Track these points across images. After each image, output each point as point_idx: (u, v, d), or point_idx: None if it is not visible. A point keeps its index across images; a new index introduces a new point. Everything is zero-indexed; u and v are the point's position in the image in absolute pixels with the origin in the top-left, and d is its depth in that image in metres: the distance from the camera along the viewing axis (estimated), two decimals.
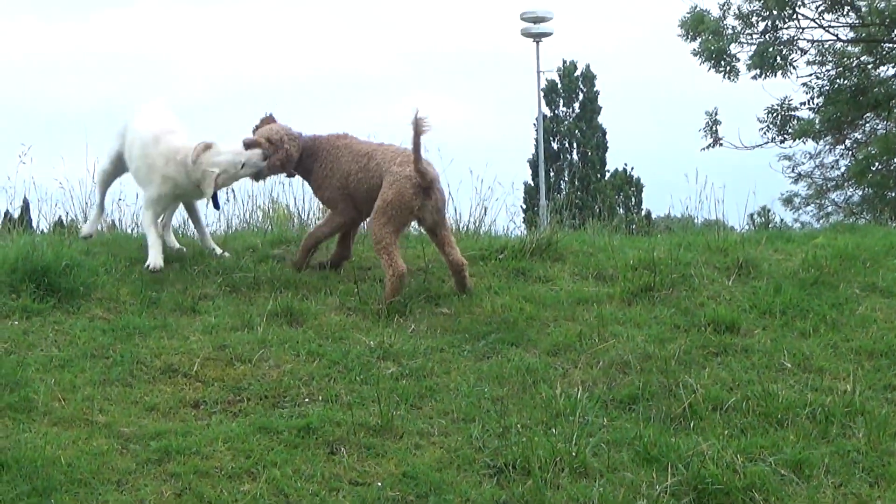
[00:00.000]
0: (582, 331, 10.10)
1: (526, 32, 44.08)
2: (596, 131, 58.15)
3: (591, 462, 8.22)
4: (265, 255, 11.49)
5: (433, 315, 10.39)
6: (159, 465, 7.92)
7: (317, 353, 9.45)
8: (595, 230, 14.09)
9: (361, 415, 8.61)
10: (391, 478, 8.00)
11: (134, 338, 9.48)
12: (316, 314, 10.15)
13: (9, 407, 8.30)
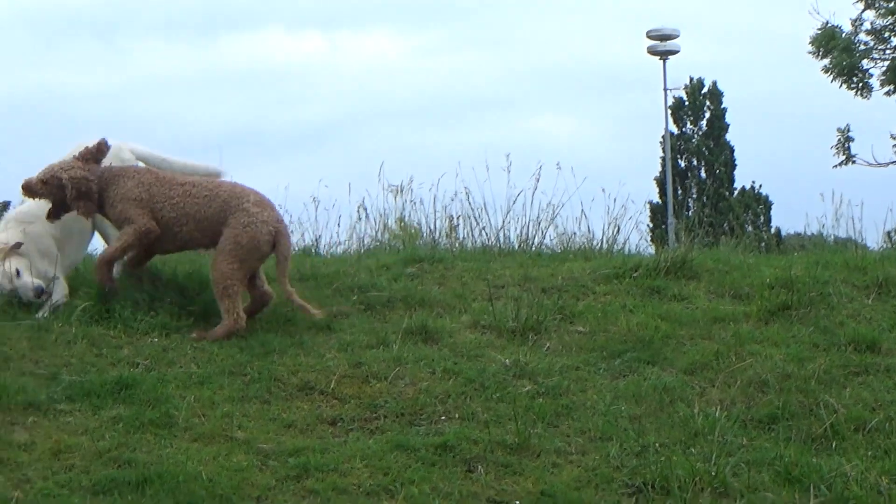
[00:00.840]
0: (719, 349, 9.99)
1: (652, 50, 43.87)
2: (724, 149, 57.55)
3: (731, 482, 8.11)
4: (399, 273, 11.52)
5: (568, 333, 10.34)
6: (298, 481, 7.95)
7: (452, 371, 9.44)
8: (728, 248, 13.93)
9: (498, 433, 8.58)
10: (529, 496, 7.97)
11: (271, 355, 9.54)
12: (451, 332, 10.16)
13: (151, 423, 8.39)
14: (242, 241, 9.98)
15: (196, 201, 10.13)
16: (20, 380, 8.71)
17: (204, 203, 10.12)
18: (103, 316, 9.92)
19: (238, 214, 10.04)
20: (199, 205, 10.12)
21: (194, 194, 10.16)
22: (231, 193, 10.18)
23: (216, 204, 10.11)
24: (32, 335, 9.52)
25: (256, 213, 10.04)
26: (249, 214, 10.02)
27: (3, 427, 8.17)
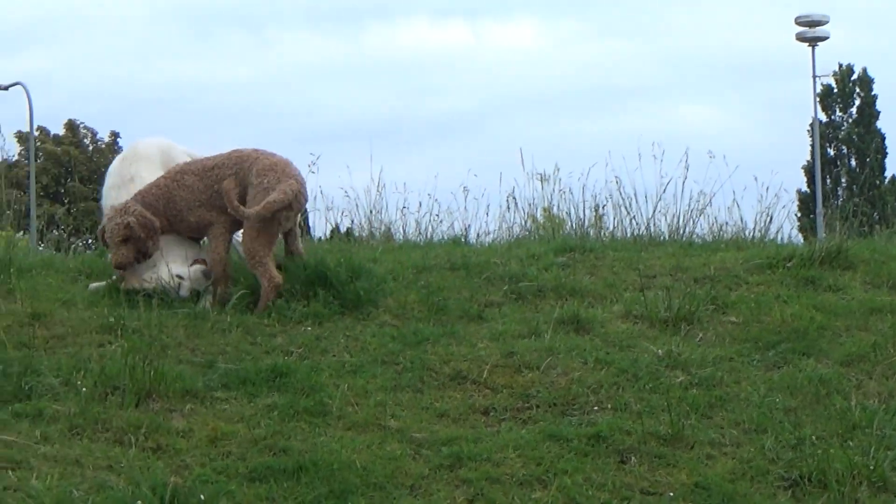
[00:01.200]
0: (876, 341, 9.80)
1: (801, 37, 43.23)
2: (874, 136, 56.63)
3: (890, 476, 7.98)
4: (549, 263, 11.48)
5: (721, 323, 10.23)
6: (451, 470, 7.97)
7: (604, 361, 9.39)
8: (883, 238, 13.67)
9: (651, 424, 8.52)
10: (683, 488, 7.90)
11: (423, 345, 9.57)
12: (602, 322, 10.10)
13: (305, 411, 8.47)
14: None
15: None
16: (177, 367, 8.85)
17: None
18: (257, 305, 10.03)
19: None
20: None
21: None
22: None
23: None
24: (189, 323, 9.67)
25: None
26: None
27: (161, 414, 8.31)
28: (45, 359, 8.87)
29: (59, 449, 7.74)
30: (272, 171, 10.26)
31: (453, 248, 12.35)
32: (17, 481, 7.28)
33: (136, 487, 7.27)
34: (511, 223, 13.94)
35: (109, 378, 8.52)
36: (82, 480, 7.40)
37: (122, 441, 7.95)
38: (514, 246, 12.42)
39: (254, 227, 10.13)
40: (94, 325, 9.54)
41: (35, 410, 8.13)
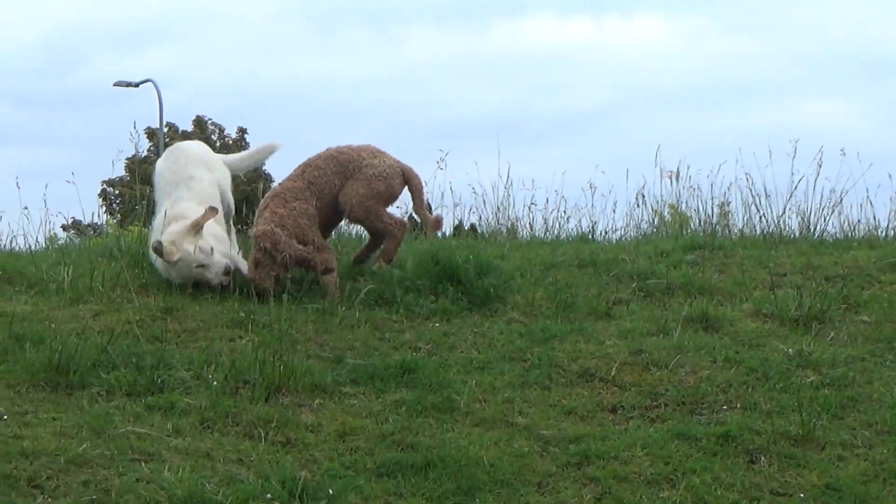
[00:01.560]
0: None
1: None
2: None
3: None
4: (678, 260, 11.39)
5: (853, 323, 10.08)
6: (579, 468, 7.95)
7: (734, 360, 9.29)
8: None
9: (781, 424, 8.43)
10: (814, 489, 7.81)
11: (550, 341, 9.55)
12: (732, 320, 10.00)
13: (433, 407, 8.49)
14: (379, 189, 10.67)
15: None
16: (307, 363, 8.91)
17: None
18: (385, 300, 10.09)
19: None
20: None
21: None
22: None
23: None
24: (318, 319, 9.74)
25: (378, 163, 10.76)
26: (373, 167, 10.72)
27: (290, 408, 8.38)
28: (177, 352, 8.99)
29: (190, 442, 7.84)
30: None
31: (581, 245, 12.31)
32: (150, 473, 7.39)
33: (266, 481, 7.35)
34: (639, 220, 13.84)
35: (240, 372, 8.62)
36: (213, 473, 7.49)
37: (252, 435, 8.03)
38: (642, 243, 12.34)
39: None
40: (225, 320, 9.65)
41: (167, 403, 8.24)
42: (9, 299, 9.88)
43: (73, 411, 8.07)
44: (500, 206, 13.82)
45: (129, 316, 9.51)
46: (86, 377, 8.44)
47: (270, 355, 8.64)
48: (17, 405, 8.07)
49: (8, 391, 8.24)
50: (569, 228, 13.73)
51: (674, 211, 14.20)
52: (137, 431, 7.83)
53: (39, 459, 7.38)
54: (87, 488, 7.20)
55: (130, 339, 9.07)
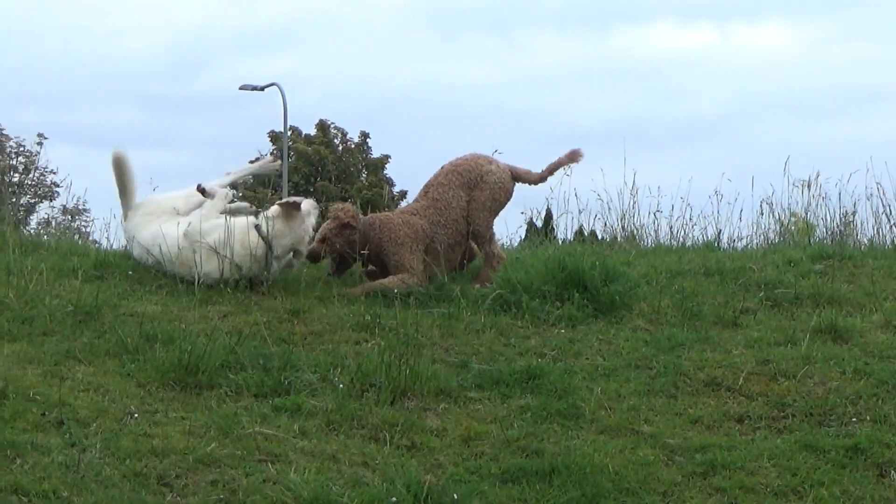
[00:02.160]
0: None
1: None
2: None
3: None
4: (806, 269, 11.25)
5: None
6: (704, 478, 7.89)
7: (863, 372, 9.16)
8: None
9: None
10: None
11: (676, 350, 9.49)
12: (861, 331, 9.86)
13: (558, 413, 8.48)
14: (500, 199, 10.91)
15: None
16: (432, 367, 8.93)
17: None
18: (511, 306, 10.08)
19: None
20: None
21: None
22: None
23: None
24: (443, 323, 9.77)
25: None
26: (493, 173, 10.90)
27: (416, 412, 8.41)
28: (304, 354, 9.06)
29: (316, 444, 7.90)
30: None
31: (707, 253, 12.20)
32: (276, 474, 7.46)
33: (391, 484, 7.39)
34: (766, 228, 13.69)
35: (366, 375, 8.67)
36: (339, 475, 7.55)
37: (377, 438, 8.08)
38: (770, 251, 12.20)
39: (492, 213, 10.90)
40: (351, 323, 9.71)
41: (294, 405, 8.31)
42: (139, 299, 10.02)
43: (201, 411, 8.17)
44: (625, 213, 13.75)
45: (256, 317, 9.60)
46: (214, 377, 8.53)
47: (396, 359, 8.68)
48: (147, 404, 8.18)
49: (138, 390, 8.36)
50: (694, 236, 13.64)
51: (797, 220, 14.03)
52: (264, 432, 7.90)
53: (169, 458, 7.48)
54: (214, 488, 7.29)
55: (258, 341, 9.16)
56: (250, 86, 46.42)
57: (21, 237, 11.90)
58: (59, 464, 7.22)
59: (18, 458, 7.24)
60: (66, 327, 9.20)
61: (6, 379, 8.11)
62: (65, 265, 10.59)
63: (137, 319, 9.36)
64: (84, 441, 7.50)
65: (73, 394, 8.14)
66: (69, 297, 9.66)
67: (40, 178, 47.30)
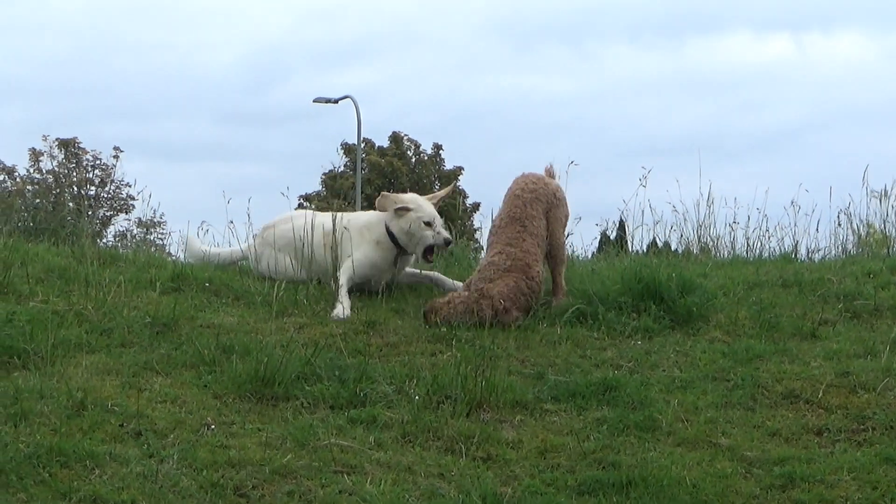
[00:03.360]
0: None
1: None
2: None
3: None
4: (886, 281, 11.13)
5: None
6: (783, 491, 7.80)
7: None
8: None
9: None
10: None
11: (754, 361, 9.41)
12: None
13: (635, 425, 8.42)
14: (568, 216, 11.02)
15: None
16: (508, 379, 8.92)
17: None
18: (587, 318, 10.05)
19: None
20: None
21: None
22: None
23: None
24: (519, 335, 9.76)
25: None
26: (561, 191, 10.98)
27: (492, 424, 8.39)
28: (380, 366, 9.07)
29: (391, 455, 7.90)
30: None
31: (784, 265, 12.12)
32: (352, 485, 7.46)
33: (467, 496, 7.37)
34: (844, 240, 13.57)
35: (441, 387, 8.66)
36: (414, 487, 7.54)
37: (453, 450, 8.06)
38: (848, 263, 12.09)
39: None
40: (426, 335, 9.72)
41: (369, 417, 8.32)
42: (216, 311, 10.09)
43: (277, 422, 8.20)
44: (701, 224, 13.69)
45: (332, 329, 9.64)
46: (290, 389, 8.56)
47: (472, 371, 8.67)
48: (223, 415, 8.22)
49: (215, 401, 8.40)
50: (771, 247, 13.55)
51: (874, 231, 13.90)
52: (340, 444, 7.91)
53: (245, 469, 7.50)
54: (291, 498, 7.30)
55: (334, 352, 9.19)
56: (324, 98, 46.69)
57: (99, 249, 12.01)
58: (137, 474, 7.27)
59: (97, 469, 7.29)
60: (144, 339, 9.28)
61: (85, 390, 8.18)
62: (142, 277, 10.69)
63: (214, 331, 9.42)
64: (161, 452, 7.55)
65: (151, 405, 8.20)
66: (147, 309, 9.75)
67: (116, 191, 47.87)
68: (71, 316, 9.56)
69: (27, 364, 8.67)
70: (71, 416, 7.89)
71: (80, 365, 8.69)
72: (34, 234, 14.71)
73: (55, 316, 9.46)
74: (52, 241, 12.62)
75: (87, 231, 13.30)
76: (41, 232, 15.00)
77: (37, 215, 34.94)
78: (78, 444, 7.46)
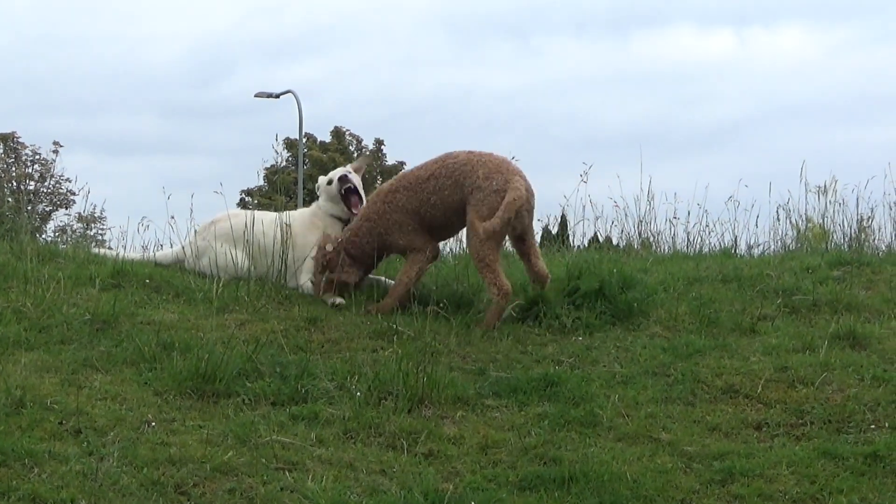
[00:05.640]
0: None
1: None
2: None
3: None
4: (824, 276, 11.22)
5: None
6: (722, 485, 7.85)
7: (882, 379, 9.11)
8: None
9: None
10: None
11: (694, 357, 9.47)
12: (880, 338, 9.82)
13: (575, 421, 8.46)
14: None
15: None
16: (449, 375, 8.93)
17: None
18: (528, 314, 10.07)
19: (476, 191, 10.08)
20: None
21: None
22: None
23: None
24: (460, 331, 9.76)
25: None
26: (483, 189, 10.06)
27: (433, 420, 8.40)
28: (321, 363, 9.06)
29: (333, 452, 7.89)
30: (498, 172, 10.09)
31: (724, 260, 12.20)
32: (294, 482, 7.45)
33: (409, 492, 7.37)
34: (783, 235, 13.68)
35: (383, 383, 8.66)
36: (356, 484, 7.54)
37: (395, 446, 8.07)
38: (787, 258, 12.18)
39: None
40: (368, 331, 9.71)
41: (311, 413, 8.31)
42: (156, 307, 10.03)
43: (218, 419, 8.17)
44: (642, 220, 13.75)
45: (273, 326, 9.62)
46: (231, 386, 8.53)
47: (413, 367, 8.67)
48: (164, 412, 8.18)
49: (156, 398, 8.36)
50: (711, 242, 13.63)
51: (813, 226, 14.01)
52: (281, 441, 7.89)
53: (186, 466, 7.47)
54: (232, 496, 7.28)
55: (275, 349, 9.17)
56: (266, 93, 46.58)
57: (38, 246, 11.91)
58: (77, 472, 7.22)
59: (36, 467, 7.24)
60: (84, 336, 9.22)
61: (24, 388, 8.12)
62: (82, 274, 10.61)
63: (155, 328, 9.37)
64: (101, 450, 7.51)
65: (91, 402, 8.15)
66: (86, 306, 9.68)
67: (56, 187, 47.49)
68: (9, 313, 9.49)
69: None
70: (9, 414, 7.82)
71: (19, 362, 8.62)
72: None
73: None
74: None
75: (26, 227, 13.18)
76: None
77: None
78: (17, 443, 7.40)
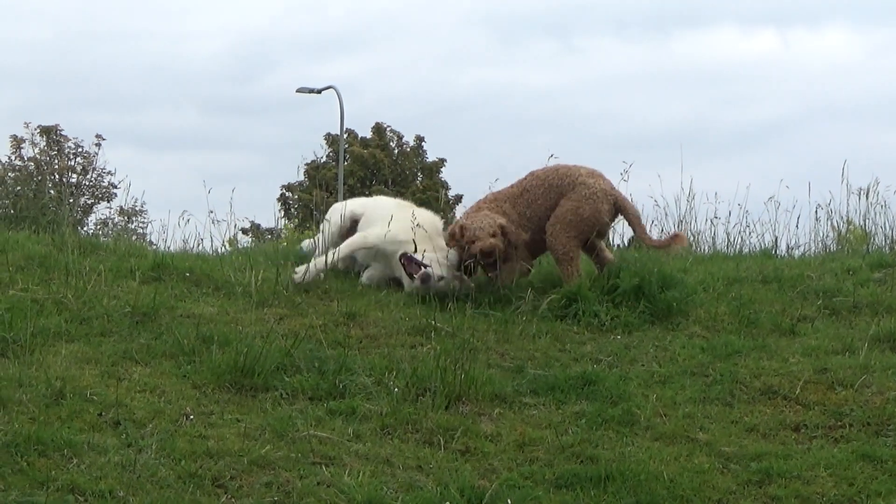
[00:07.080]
0: None
1: None
2: None
3: None
4: (865, 278, 11.16)
5: None
6: (759, 486, 7.84)
7: None
8: None
9: None
10: None
11: (733, 357, 9.44)
12: None
13: (613, 420, 8.45)
14: (584, 214, 10.41)
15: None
16: (487, 372, 8.93)
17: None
18: (567, 312, 10.06)
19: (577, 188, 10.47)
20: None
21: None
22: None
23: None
24: (498, 328, 9.76)
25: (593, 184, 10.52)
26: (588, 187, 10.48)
27: (471, 417, 8.40)
28: (359, 358, 9.06)
29: (370, 447, 7.91)
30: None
31: (764, 261, 12.14)
32: (331, 477, 7.47)
33: (445, 489, 7.39)
34: (824, 236, 13.61)
35: (421, 380, 8.67)
36: (392, 479, 7.56)
37: (431, 442, 8.08)
38: (828, 260, 12.12)
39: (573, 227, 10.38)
40: (407, 327, 9.71)
41: (348, 408, 8.32)
42: (196, 301, 10.07)
43: (256, 413, 8.20)
44: (682, 219, 13.71)
45: (312, 320, 9.63)
46: (269, 380, 8.56)
47: (451, 364, 8.68)
48: (202, 405, 8.22)
49: (194, 392, 8.40)
50: (751, 243, 13.57)
51: (854, 227, 13.94)
52: (319, 435, 7.92)
53: (224, 459, 7.51)
54: (269, 489, 7.31)
55: (314, 344, 9.18)
56: (307, 88, 46.63)
57: (79, 238, 11.97)
58: (115, 464, 7.26)
59: (75, 458, 7.29)
60: (124, 328, 9.26)
61: (64, 379, 8.17)
62: (123, 266, 10.65)
63: (194, 321, 9.40)
64: (140, 442, 7.55)
65: (130, 394, 8.19)
66: (127, 299, 9.72)
67: (98, 180, 47.68)
68: (50, 304, 9.53)
69: (6, 352, 8.64)
70: (49, 405, 7.87)
71: (60, 354, 8.67)
72: (15, 222, 14.68)
73: (35, 304, 9.42)
74: (33, 229, 12.58)
75: (67, 219, 13.26)
76: (22, 219, 14.97)
77: (18, 203, 34.88)
78: (56, 433, 7.45)
